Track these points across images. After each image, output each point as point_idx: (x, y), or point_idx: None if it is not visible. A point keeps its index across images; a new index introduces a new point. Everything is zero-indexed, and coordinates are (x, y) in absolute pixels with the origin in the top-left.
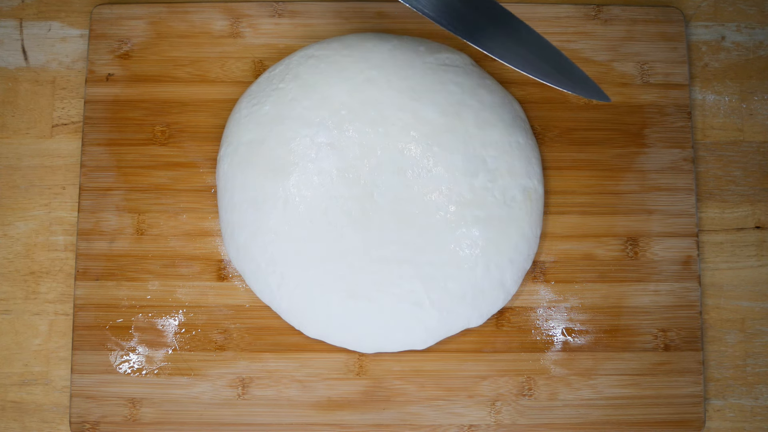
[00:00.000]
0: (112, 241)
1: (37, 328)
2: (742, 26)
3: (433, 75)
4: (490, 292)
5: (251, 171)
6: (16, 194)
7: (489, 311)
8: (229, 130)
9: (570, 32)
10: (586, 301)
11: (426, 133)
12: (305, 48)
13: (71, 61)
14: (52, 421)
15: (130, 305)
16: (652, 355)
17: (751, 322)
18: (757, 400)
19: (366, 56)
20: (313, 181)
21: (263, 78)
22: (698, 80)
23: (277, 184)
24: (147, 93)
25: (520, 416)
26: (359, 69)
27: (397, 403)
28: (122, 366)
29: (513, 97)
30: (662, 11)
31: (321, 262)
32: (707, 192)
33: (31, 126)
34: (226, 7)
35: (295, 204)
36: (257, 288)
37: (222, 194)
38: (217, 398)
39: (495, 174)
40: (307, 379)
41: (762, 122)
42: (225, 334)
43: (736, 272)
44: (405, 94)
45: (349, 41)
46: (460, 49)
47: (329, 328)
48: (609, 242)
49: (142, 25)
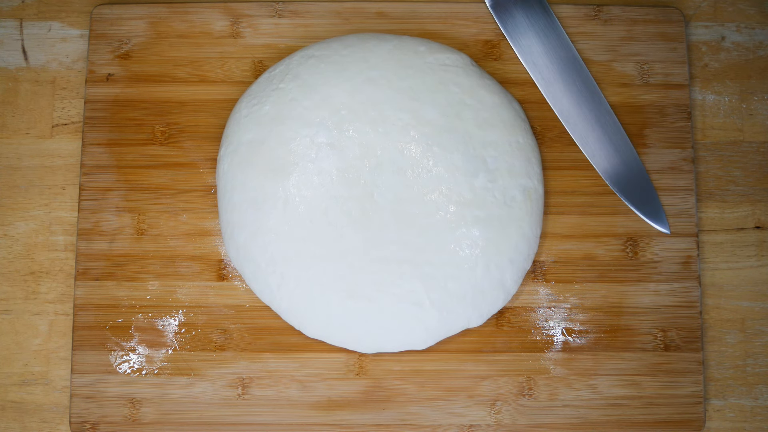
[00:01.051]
0: (112, 241)
1: (37, 328)
2: (742, 26)
3: (433, 75)
4: (490, 292)
5: (251, 171)
6: (16, 194)
7: (489, 311)
8: (230, 130)
9: (570, 32)
10: (586, 301)
11: (426, 133)
12: (305, 48)
13: (71, 61)
14: (52, 421)
15: (130, 305)
16: (652, 355)
17: (751, 322)
18: (757, 400)
19: (366, 56)
20: (313, 181)
21: (263, 78)
22: (698, 80)
23: (277, 184)
24: (147, 93)
25: (520, 416)
26: (359, 69)
27: (397, 403)
28: (122, 366)
29: (513, 97)
30: (662, 11)
31: (321, 262)
32: (707, 192)
33: (31, 126)
34: (226, 7)
35: (295, 204)
36: (257, 288)
37: (222, 194)
38: (217, 398)
39: (495, 174)
40: (307, 379)
41: (762, 122)
42: (225, 334)
43: (736, 272)
44: (405, 94)
45: (349, 41)
46: (459, 49)
47: (329, 328)
48: (609, 242)
49: (142, 25)
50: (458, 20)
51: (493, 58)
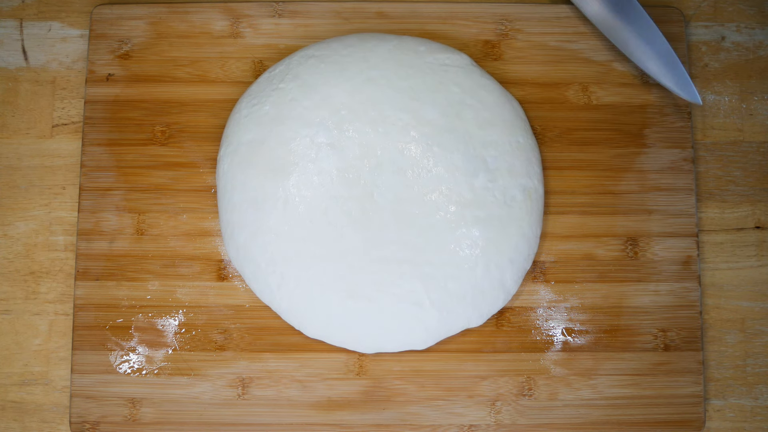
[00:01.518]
0: (112, 241)
1: (37, 328)
2: (742, 26)
3: (433, 75)
4: (491, 292)
5: (251, 171)
6: (16, 194)
7: (489, 311)
8: (230, 130)
9: (570, 32)
10: (586, 301)
11: (426, 133)
12: (305, 48)
13: (71, 61)
14: (52, 421)
15: (130, 305)
16: (652, 355)
17: (751, 322)
18: (757, 400)
19: (366, 56)
20: (313, 181)
21: (263, 78)
22: (698, 80)
23: (277, 184)
24: (147, 93)
25: (520, 416)
26: (359, 69)
27: (397, 403)
28: (122, 366)
29: (513, 97)
30: (662, 11)
31: (321, 262)
32: (707, 192)
33: (31, 126)
34: (226, 7)
35: (295, 204)
36: (257, 288)
37: (222, 194)
38: (217, 398)
39: (495, 174)
40: (307, 379)
41: (762, 122)
42: (225, 334)
43: (736, 272)
44: (405, 94)
45: (349, 41)
46: (460, 49)
47: (329, 328)
48: (609, 242)
49: (142, 25)
50: (458, 20)
51: (493, 58)
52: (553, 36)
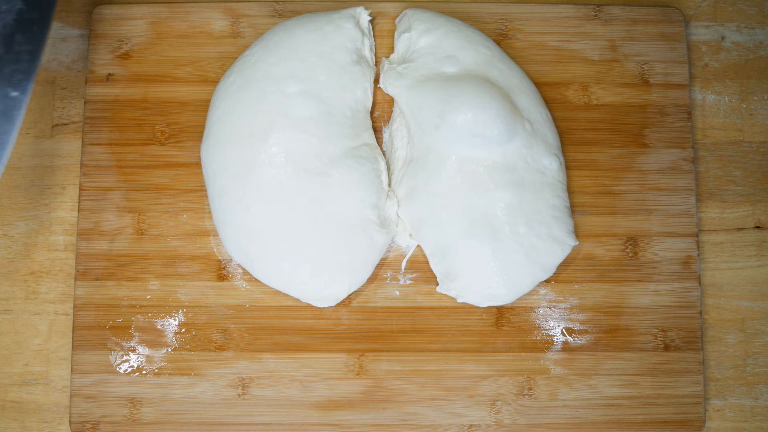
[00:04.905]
0: (112, 241)
1: (37, 328)
2: (742, 26)
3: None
4: (543, 246)
5: (228, 146)
6: (16, 194)
7: (551, 263)
8: (207, 121)
9: (570, 32)
10: (586, 301)
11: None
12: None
13: (71, 61)
14: (52, 421)
15: (130, 305)
16: (652, 355)
17: (751, 322)
18: (757, 400)
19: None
20: (300, 139)
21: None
22: (698, 80)
23: (255, 149)
24: (147, 93)
25: (520, 416)
26: (329, 19)
27: (397, 403)
28: (122, 366)
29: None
30: (662, 11)
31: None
32: (707, 192)
33: (31, 126)
34: (226, 7)
35: (282, 164)
36: (270, 280)
37: (208, 185)
38: (217, 398)
39: (531, 140)
40: (307, 379)
41: (762, 122)
42: (225, 334)
43: (736, 272)
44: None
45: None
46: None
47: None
48: (609, 242)
49: (142, 25)
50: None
51: None
52: (553, 36)
